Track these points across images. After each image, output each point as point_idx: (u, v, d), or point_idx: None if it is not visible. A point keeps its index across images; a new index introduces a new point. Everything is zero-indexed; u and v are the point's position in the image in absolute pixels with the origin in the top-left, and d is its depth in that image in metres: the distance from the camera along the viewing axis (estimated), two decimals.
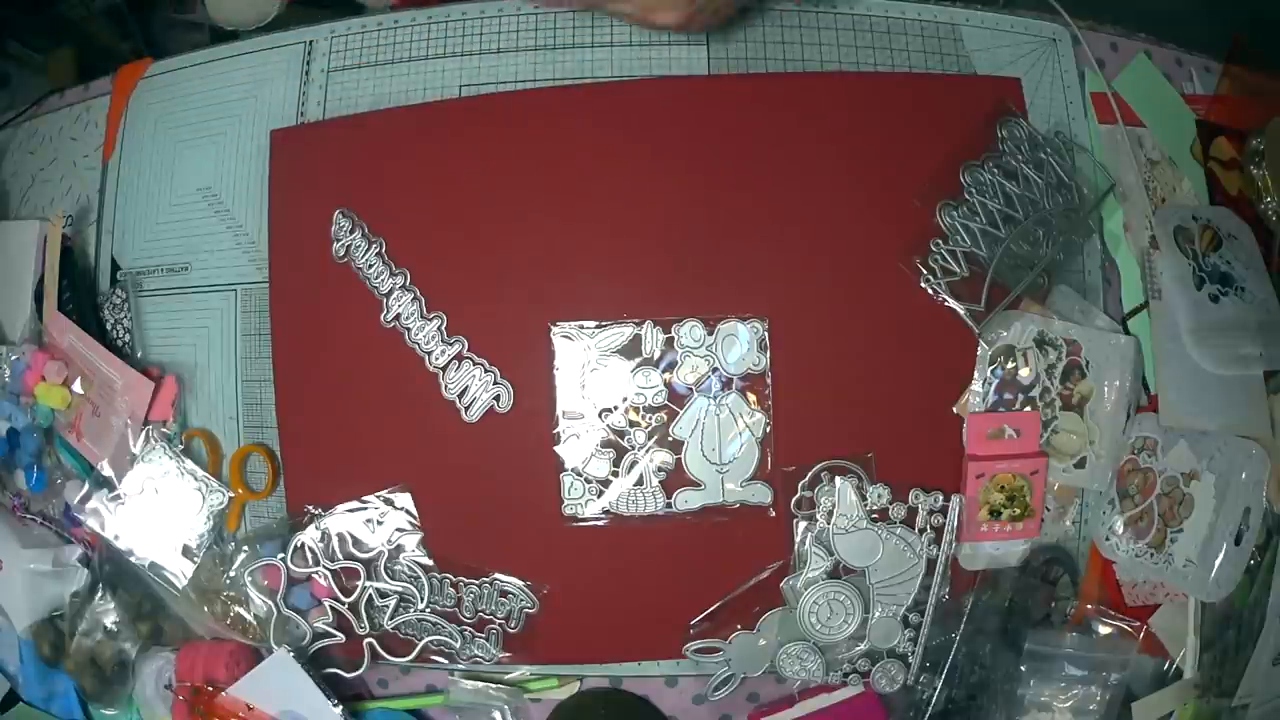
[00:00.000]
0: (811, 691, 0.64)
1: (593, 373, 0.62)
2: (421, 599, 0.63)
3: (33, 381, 0.68)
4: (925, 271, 0.61)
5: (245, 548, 0.64)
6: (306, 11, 0.78)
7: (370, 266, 0.63)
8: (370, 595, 0.63)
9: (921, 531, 0.62)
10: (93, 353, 0.66)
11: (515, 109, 0.64)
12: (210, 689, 0.63)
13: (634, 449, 0.62)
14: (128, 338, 0.68)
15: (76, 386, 0.67)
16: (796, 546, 0.62)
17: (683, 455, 0.62)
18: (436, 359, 0.62)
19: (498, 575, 0.63)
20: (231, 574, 0.64)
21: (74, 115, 0.75)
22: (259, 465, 0.65)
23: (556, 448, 0.62)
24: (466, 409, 0.62)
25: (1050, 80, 0.66)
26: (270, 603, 0.63)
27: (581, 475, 0.62)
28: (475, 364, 0.62)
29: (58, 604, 0.69)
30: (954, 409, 0.63)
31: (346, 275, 0.64)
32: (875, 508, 0.61)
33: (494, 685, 0.64)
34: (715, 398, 0.62)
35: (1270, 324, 0.66)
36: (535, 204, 0.63)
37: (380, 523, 0.63)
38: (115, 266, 0.69)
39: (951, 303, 0.61)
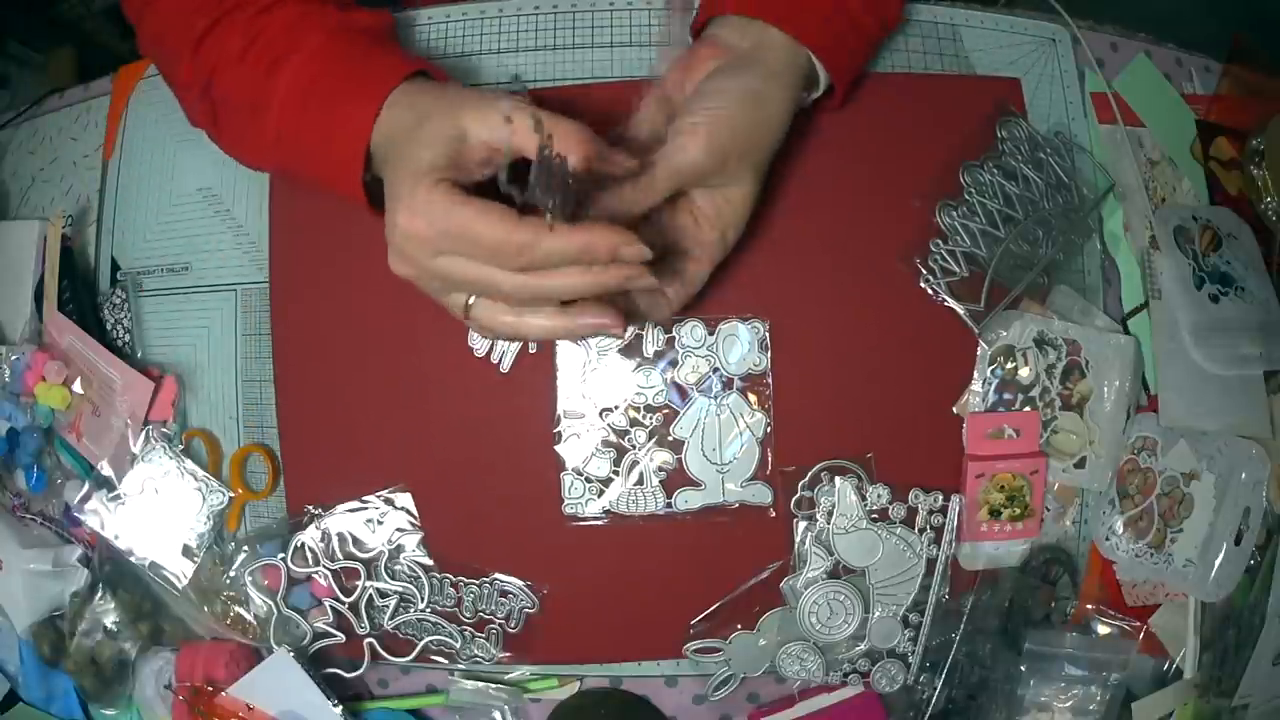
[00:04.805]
0: (811, 691, 0.64)
1: (593, 372, 0.62)
2: (421, 599, 0.63)
3: (33, 381, 0.68)
4: (925, 271, 0.61)
5: (245, 548, 0.64)
6: None
7: None
8: (370, 595, 0.63)
9: (921, 531, 0.62)
10: (93, 353, 0.66)
11: None
12: (210, 689, 0.63)
13: (634, 449, 0.62)
14: (128, 338, 0.68)
15: (76, 386, 0.67)
16: (796, 546, 0.62)
17: (683, 455, 0.62)
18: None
19: (498, 575, 0.63)
20: (231, 574, 0.64)
21: (74, 115, 0.75)
22: (259, 465, 0.65)
23: (557, 447, 0.62)
24: (499, 362, 0.62)
25: (1050, 80, 0.66)
26: (270, 603, 0.63)
27: (582, 475, 0.62)
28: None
29: (58, 604, 0.68)
30: (954, 409, 0.63)
31: (347, 274, 0.64)
32: (875, 508, 0.61)
33: (494, 685, 0.64)
34: (716, 398, 0.62)
35: (1270, 324, 0.66)
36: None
37: (380, 523, 0.63)
38: (115, 266, 0.69)
39: (951, 303, 0.61)
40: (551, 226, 0.44)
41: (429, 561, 0.63)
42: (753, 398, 0.62)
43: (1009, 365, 0.62)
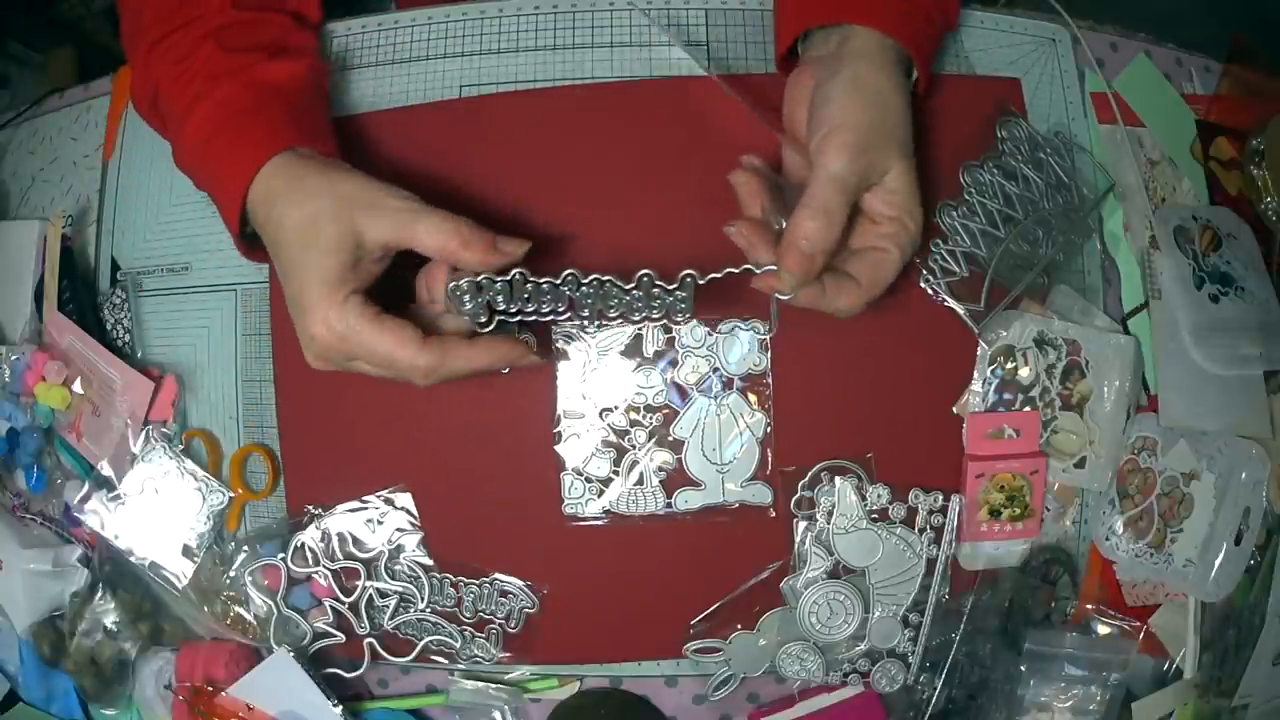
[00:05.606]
0: (811, 691, 0.64)
1: (593, 372, 0.62)
2: (421, 599, 0.63)
3: (33, 381, 0.68)
4: (925, 271, 0.61)
5: (245, 548, 0.64)
6: None
7: None
8: (370, 595, 0.63)
9: (921, 531, 0.62)
10: (93, 353, 0.66)
11: (515, 109, 0.64)
12: (210, 689, 0.63)
13: (634, 449, 0.62)
14: (128, 338, 0.68)
15: (76, 386, 0.67)
16: (796, 546, 0.62)
17: (683, 455, 0.62)
18: None
19: (498, 575, 0.63)
20: (231, 574, 0.64)
21: (74, 115, 0.75)
22: (259, 465, 0.65)
23: (557, 447, 0.62)
24: None
25: (1050, 80, 0.66)
26: (270, 603, 0.63)
27: (582, 475, 0.62)
28: None
29: (58, 604, 0.69)
30: (954, 409, 0.63)
31: None
32: (875, 508, 0.61)
33: (494, 685, 0.64)
34: (716, 398, 0.62)
35: (1270, 324, 0.66)
36: (535, 204, 0.62)
37: (380, 523, 0.63)
38: (115, 266, 0.69)
39: (951, 303, 0.61)
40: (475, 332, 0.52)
41: (429, 561, 0.63)
42: (753, 398, 0.62)
43: (1009, 365, 0.62)
